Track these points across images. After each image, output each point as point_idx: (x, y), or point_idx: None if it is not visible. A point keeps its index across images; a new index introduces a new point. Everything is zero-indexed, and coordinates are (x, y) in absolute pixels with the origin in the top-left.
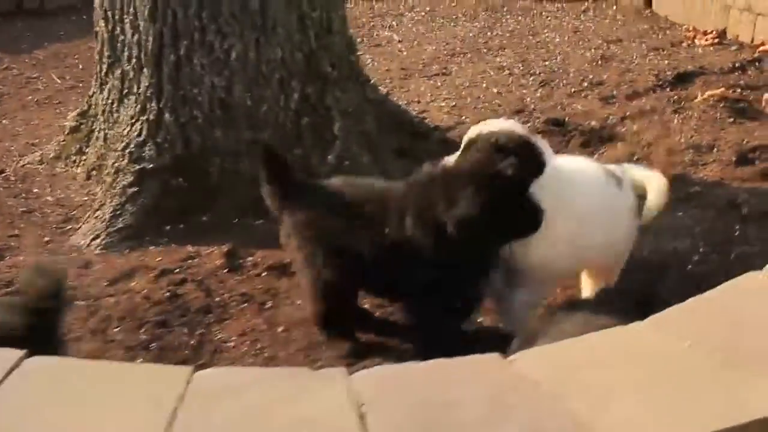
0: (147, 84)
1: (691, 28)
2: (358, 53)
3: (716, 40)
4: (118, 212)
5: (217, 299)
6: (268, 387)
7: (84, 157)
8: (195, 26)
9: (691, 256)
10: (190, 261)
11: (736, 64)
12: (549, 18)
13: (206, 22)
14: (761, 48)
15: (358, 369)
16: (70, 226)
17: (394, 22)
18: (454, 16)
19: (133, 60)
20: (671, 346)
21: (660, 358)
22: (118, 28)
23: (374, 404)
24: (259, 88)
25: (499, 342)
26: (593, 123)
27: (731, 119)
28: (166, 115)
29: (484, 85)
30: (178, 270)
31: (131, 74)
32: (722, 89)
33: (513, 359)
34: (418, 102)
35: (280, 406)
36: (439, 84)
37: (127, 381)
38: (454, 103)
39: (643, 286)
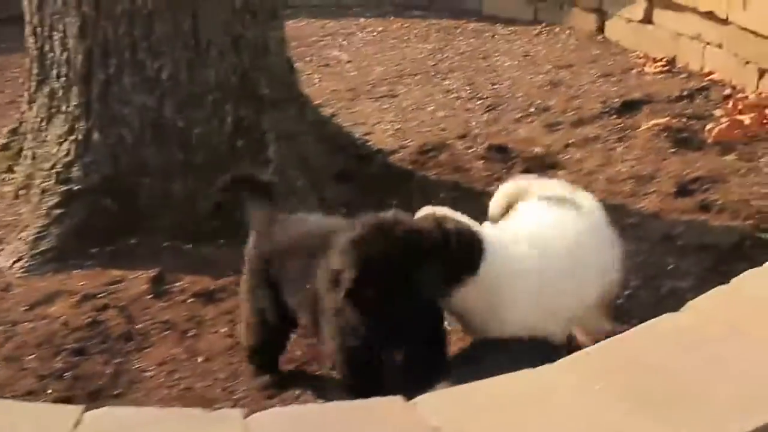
0: (76, 103)
1: (642, 55)
2: (298, 74)
3: (666, 68)
4: (43, 234)
5: (139, 326)
6: (159, 429)
7: (13, 176)
8: (125, 44)
9: (621, 290)
10: (114, 286)
11: (684, 93)
12: (501, 41)
13: (137, 40)
14: (709, 77)
15: (275, 403)
16: None
17: (344, 42)
18: (405, 37)
19: (62, 78)
20: (581, 389)
21: (568, 401)
22: (47, 45)
23: None
24: (191, 109)
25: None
26: (536, 150)
27: (674, 149)
28: (95, 135)
29: (431, 108)
30: (101, 295)
31: (60, 92)
32: (667, 118)
33: (415, 402)
34: (364, 124)
35: None
36: (385, 106)
37: (14, 420)
38: (398, 126)
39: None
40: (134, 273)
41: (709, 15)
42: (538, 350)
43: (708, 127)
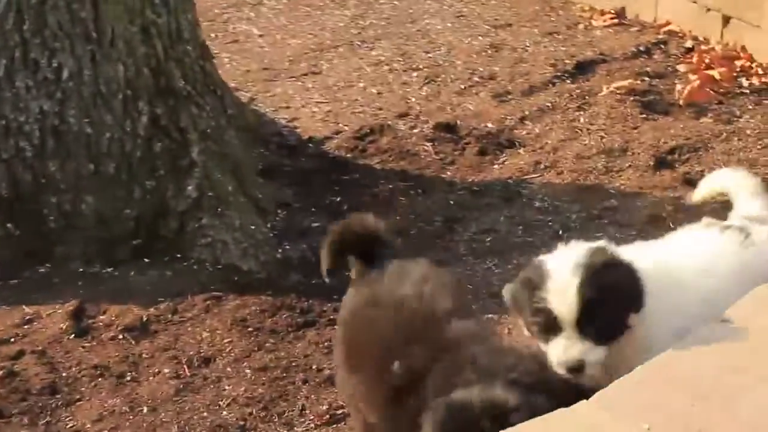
0: None
1: (587, 8)
2: (213, 59)
3: (615, 21)
4: None
5: (64, 374)
6: None
7: None
8: (15, 42)
9: None
10: (27, 326)
11: (640, 48)
12: (429, 2)
13: (28, 36)
14: (666, 28)
15: None
16: None
17: (251, 13)
18: (320, 4)
19: None
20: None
21: None
22: None
23: None
24: (98, 111)
25: None
26: (489, 126)
27: (643, 115)
28: None
29: (362, 84)
30: (12, 339)
31: None
32: (629, 81)
33: None
34: (287, 108)
35: None
36: (309, 85)
37: None
38: (328, 108)
39: None
40: (49, 308)
41: None
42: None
43: (678, 87)
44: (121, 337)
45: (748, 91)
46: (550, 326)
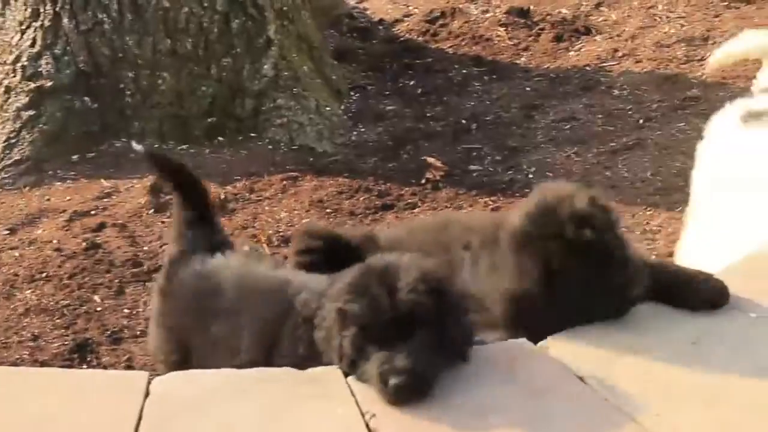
0: None
1: None
2: None
3: None
4: (13, 141)
5: (146, 248)
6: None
7: None
8: None
9: None
10: (106, 200)
11: None
12: None
13: None
14: None
15: None
16: None
17: None
18: None
19: None
20: None
21: None
22: None
23: None
24: None
25: None
26: (563, 11)
27: (724, 3)
28: (65, 21)
29: None
30: (93, 212)
31: None
32: None
33: None
34: None
35: None
36: None
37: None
38: None
39: None
40: (126, 183)
41: None
42: None
43: None
44: None
45: None
46: None
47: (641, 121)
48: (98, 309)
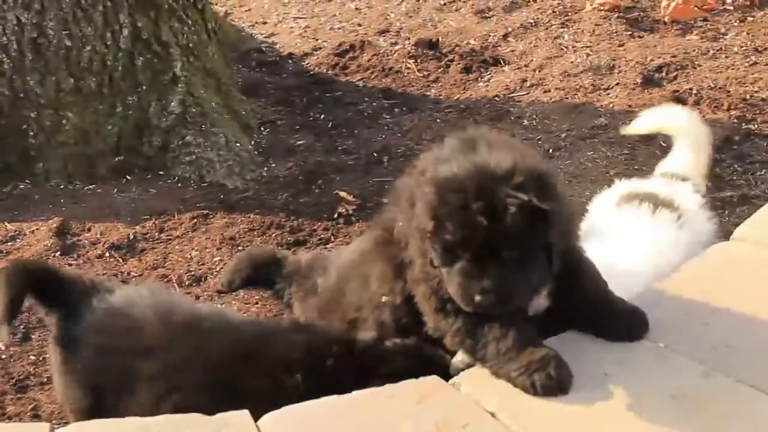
0: None
1: None
2: None
3: None
4: None
5: None
6: None
7: None
8: None
9: None
10: (10, 243)
11: None
12: None
13: None
14: None
15: None
16: None
17: None
18: None
19: None
20: None
21: None
22: None
23: None
24: (78, 23)
25: None
26: (472, 43)
27: (628, 32)
28: None
29: None
30: None
31: None
32: None
33: None
34: (264, 23)
35: None
36: (285, 0)
37: None
38: (306, 24)
39: None
40: (32, 225)
41: None
42: None
43: (663, 4)
44: (108, 255)
45: (732, 8)
46: None
47: (551, 151)
48: (2, 357)
